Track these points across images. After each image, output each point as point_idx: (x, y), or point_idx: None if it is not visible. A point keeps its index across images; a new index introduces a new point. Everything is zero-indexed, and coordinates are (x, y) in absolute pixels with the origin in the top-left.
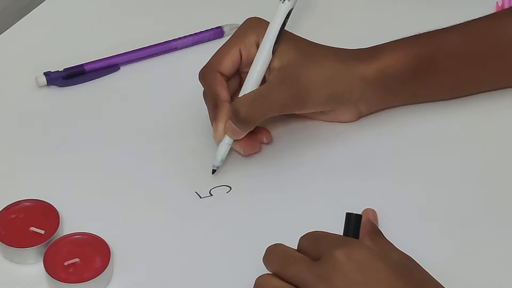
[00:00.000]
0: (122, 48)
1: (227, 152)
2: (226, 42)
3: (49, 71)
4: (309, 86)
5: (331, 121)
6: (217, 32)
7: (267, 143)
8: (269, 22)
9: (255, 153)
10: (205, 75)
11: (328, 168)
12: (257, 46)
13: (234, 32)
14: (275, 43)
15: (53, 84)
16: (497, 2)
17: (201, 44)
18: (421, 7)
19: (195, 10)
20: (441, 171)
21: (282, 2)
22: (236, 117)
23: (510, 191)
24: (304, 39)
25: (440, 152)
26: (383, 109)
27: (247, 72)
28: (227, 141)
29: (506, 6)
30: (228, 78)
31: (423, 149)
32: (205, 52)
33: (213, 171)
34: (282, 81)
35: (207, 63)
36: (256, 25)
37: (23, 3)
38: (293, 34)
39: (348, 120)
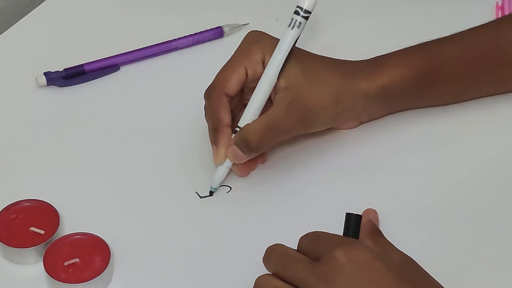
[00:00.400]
0: (122, 48)
1: (226, 174)
2: (231, 60)
3: (49, 71)
4: (315, 110)
5: (332, 128)
6: (217, 32)
7: (261, 163)
8: (271, 37)
9: (252, 170)
10: (210, 95)
11: (329, 169)
12: (263, 63)
13: (237, 48)
14: (281, 70)
15: (53, 84)
16: (497, 2)
17: (201, 44)
18: (421, 6)
19: (195, 10)
20: (441, 171)
21: (291, 29)
22: (247, 146)
23: (510, 191)
24: (307, 52)
25: (439, 153)
26: (384, 116)
27: (252, 88)
28: (227, 164)
29: (506, 6)
30: (232, 98)
31: (423, 149)
32: (205, 52)
33: (211, 193)
34: (289, 106)
35: (213, 83)
36: (260, 40)
37: (23, 3)
38: (296, 47)
39: (349, 127)
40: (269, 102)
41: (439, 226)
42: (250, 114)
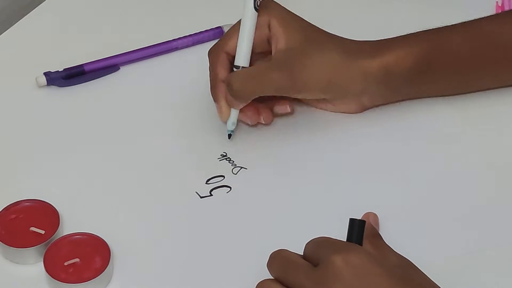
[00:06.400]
0: (122, 48)
1: (237, 116)
2: (238, 21)
3: (49, 71)
4: (307, 72)
5: (335, 112)
6: (217, 32)
7: (290, 112)
8: (280, 5)
9: (267, 124)
10: (211, 53)
11: (330, 168)
12: (269, 27)
13: None
14: None
15: (53, 84)
16: (497, 2)
17: (201, 44)
18: (420, 6)
19: (195, 10)
20: (441, 171)
21: None
22: (229, 91)
23: (511, 191)
24: (311, 24)
25: (441, 152)
26: (386, 104)
27: (257, 53)
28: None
29: (506, 6)
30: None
31: (425, 148)
32: (205, 52)
33: (229, 136)
34: (282, 61)
35: (216, 42)
36: (268, 6)
37: (23, 3)
38: (301, 18)
39: (352, 111)
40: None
41: (438, 229)
42: (239, 50)
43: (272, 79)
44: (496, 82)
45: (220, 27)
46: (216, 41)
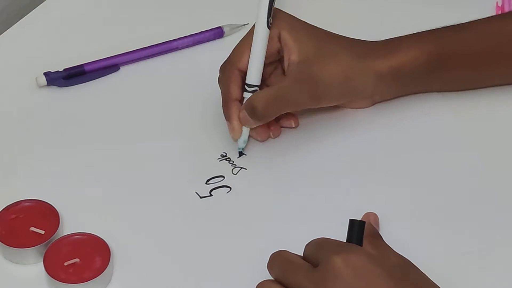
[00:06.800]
0: (122, 48)
1: (248, 134)
2: (247, 35)
3: (49, 71)
4: (325, 85)
5: (344, 108)
6: (217, 32)
7: (295, 127)
8: (287, 13)
9: (275, 137)
10: (223, 70)
11: (330, 169)
12: (279, 39)
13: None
14: (269, 16)
15: (53, 84)
16: (497, 2)
17: (201, 44)
18: (420, 6)
19: (195, 10)
20: (441, 171)
21: None
22: (253, 114)
23: (511, 191)
24: (319, 28)
25: (441, 152)
26: (396, 98)
27: (268, 64)
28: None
29: (506, 6)
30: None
31: (425, 148)
32: (205, 52)
33: (240, 154)
34: (299, 79)
35: (228, 57)
36: (277, 18)
37: (23, 3)
38: (309, 24)
39: (361, 107)
40: (283, 75)
41: (438, 228)
42: (252, 68)
43: (294, 97)
44: (507, 79)
45: (220, 27)
46: (216, 40)
